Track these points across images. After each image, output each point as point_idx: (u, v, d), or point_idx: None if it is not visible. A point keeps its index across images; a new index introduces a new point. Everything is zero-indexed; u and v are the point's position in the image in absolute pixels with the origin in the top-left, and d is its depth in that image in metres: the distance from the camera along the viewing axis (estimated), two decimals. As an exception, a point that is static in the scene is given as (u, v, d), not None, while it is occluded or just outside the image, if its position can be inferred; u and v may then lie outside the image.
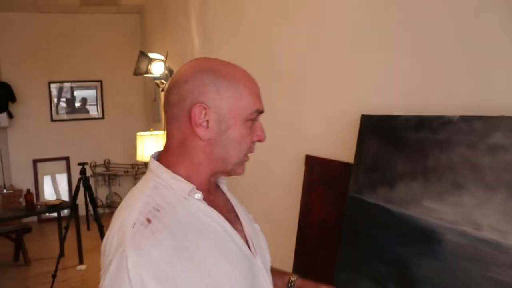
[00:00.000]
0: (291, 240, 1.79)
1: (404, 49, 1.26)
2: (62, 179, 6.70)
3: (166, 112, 0.94)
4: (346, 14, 1.52)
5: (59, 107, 6.67)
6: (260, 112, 0.95)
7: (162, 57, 3.90)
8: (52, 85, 6.57)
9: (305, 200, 1.74)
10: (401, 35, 1.27)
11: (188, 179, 0.91)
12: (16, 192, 5.60)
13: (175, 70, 3.89)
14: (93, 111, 6.84)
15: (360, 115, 1.38)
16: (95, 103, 6.83)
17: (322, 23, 1.66)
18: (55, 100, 6.63)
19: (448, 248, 1.04)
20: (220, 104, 0.89)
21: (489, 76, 1.02)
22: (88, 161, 5.79)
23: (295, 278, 1.16)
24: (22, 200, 5.06)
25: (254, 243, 0.99)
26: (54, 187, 6.72)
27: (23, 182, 6.21)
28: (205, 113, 0.88)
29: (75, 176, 5.16)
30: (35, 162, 6.49)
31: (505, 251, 0.92)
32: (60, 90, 6.67)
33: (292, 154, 1.90)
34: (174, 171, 0.91)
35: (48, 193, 6.62)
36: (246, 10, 2.38)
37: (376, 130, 1.31)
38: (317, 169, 1.69)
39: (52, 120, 6.58)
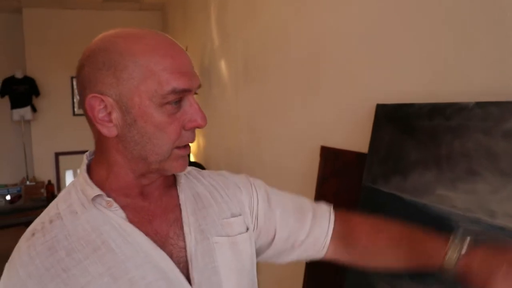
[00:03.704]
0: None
1: (418, 37, 1.25)
2: (83, 173, 6.81)
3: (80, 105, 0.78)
4: (360, 4, 1.51)
5: (81, 102, 6.78)
6: (183, 90, 0.72)
7: (182, 52, 3.92)
8: (75, 81, 6.66)
9: (319, 190, 1.73)
10: (414, 23, 1.26)
11: (105, 182, 0.77)
12: (39, 184, 5.74)
13: (195, 65, 3.92)
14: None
15: (375, 105, 1.37)
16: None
17: (336, 14, 1.65)
18: (78, 96, 6.73)
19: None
20: (119, 91, 0.70)
21: (505, 61, 1.00)
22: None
23: (456, 253, 0.78)
24: (43, 191, 5.20)
25: (200, 265, 0.78)
26: (75, 180, 6.83)
27: (45, 174, 6.35)
28: (105, 106, 0.71)
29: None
30: (57, 155, 6.62)
31: (520, 238, 0.90)
32: (83, 85, 6.78)
33: (307, 145, 1.90)
34: (95, 172, 0.78)
35: (69, 186, 6.74)
36: (264, 5, 2.38)
37: (391, 119, 1.30)
38: (332, 160, 1.68)
39: (74, 114, 6.70)
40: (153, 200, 0.81)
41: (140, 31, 0.73)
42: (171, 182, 0.86)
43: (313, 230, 0.95)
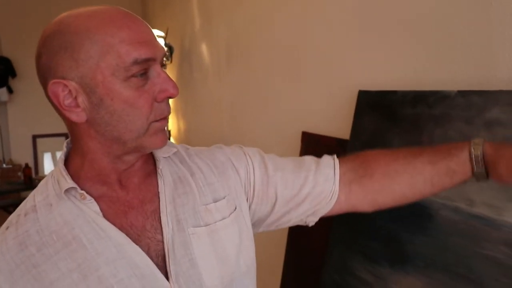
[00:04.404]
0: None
1: (401, 24, 1.24)
2: (61, 156, 6.72)
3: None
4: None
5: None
6: (146, 60, 0.68)
7: (163, 34, 3.85)
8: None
9: (300, 177, 1.73)
10: (399, 9, 1.24)
11: (80, 171, 0.74)
12: (15, 167, 5.63)
13: (175, 47, 3.86)
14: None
15: (357, 91, 1.36)
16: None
17: (320, 0, 1.63)
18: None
19: (440, 224, 1.03)
20: (80, 72, 0.66)
21: (488, 50, 0.99)
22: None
23: (480, 148, 0.75)
24: (20, 174, 5.10)
25: (177, 258, 0.74)
26: (54, 164, 6.73)
27: (23, 157, 6.22)
28: (69, 91, 0.67)
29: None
30: (34, 137, 6.49)
31: (498, 227, 0.91)
32: (61, 66, 6.64)
33: (288, 131, 1.89)
34: (70, 163, 0.76)
35: (48, 170, 6.63)
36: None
37: (373, 106, 1.29)
38: (313, 146, 1.67)
39: (52, 96, 6.56)
40: (131, 189, 0.77)
41: (92, 8, 0.70)
42: (151, 169, 0.81)
43: (317, 180, 0.89)
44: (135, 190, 0.78)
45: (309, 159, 0.94)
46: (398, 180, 0.85)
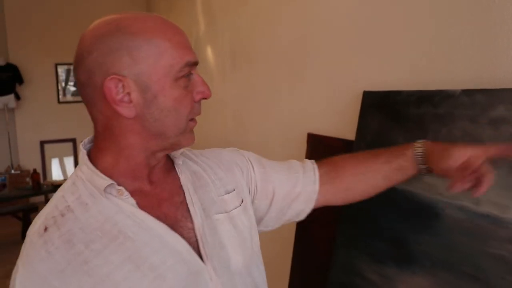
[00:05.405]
0: (292, 219, 1.79)
1: (405, 24, 1.24)
2: (69, 161, 6.76)
3: (80, 94, 0.77)
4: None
5: (66, 90, 6.69)
6: (193, 63, 0.77)
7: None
8: (59, 69, 6.57)
9: (306, 178, 1.73)
10: (402, 10, 1.25)
11: (113, 168, 0.77)
12: (24, 173, 5.68)
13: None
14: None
15: (362, 92, 1.36)
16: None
17: (324, 1, 1.63)
18: (63, 83, 6.65)
19: (447, 223, 1.03)
20: (137, 70, 0.72)
21: (492, 48, 0.99)
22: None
23: (421, 147, 0.92)
24: (29, 180, 5.14)
25: (209, 242, 0.81)
26: (62, 169, 6.78)
27: (31, 163, 6.27)
28: (122, 86, 0.72)
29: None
30: (42, 143, 6.53)
31: (505, 225, 0.91)
32: (68, 72, 6.68)
33: (293, 132, 1.89)
34: (99, 161, 0.78)
35: (56, 175, 6.68)
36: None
37: (378, 106, 1.29)
38: (318, 148, 1.67)
39: (59, 102, 6.60)
40: (158, 184, 0.83)
41: (140, 13, 0.76)
42: (170, 165, 0.88)
43: (304, 181, 1.01)
44: (162, 184, 0.83)
45: (296, 162, 1.06)
46: (362, 179, 1.01)
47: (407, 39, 1.24)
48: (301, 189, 1.00)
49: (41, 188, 4.87)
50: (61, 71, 6.62)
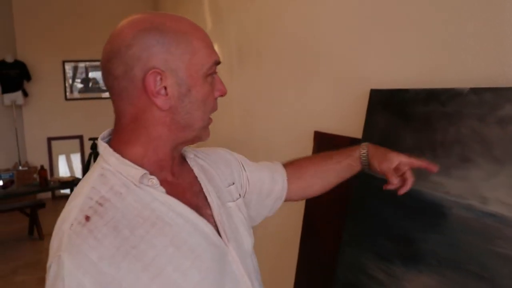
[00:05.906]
0: (298, 216, 1.79)
1: (413, 22, 1.24)
2: (76, 158, 6.79)
3: (110, 87, 0.81)
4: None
5: (73, 87, 6.72)
6: (218, 63, 0.85)
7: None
8: (67, 66, 6.60)
9: (312, 176, 1.73)
10: (410, 8, 1.24)
11: (143, 159, 0.81)
12: (31, 169, 5.70)
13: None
14: (106, 91, 6.84)
15: (369, 90, 1.36)
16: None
17: (333, -3, 1.63)
18: (70, 80, 6.68)
19: (453, 222, 1.02)
20: (175, 65, 0.78)
21: (500, 47, 0.99)
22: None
23: (365, 149, 1.11)
24: (36, 176, 5.17)
25: (226, 228, 0.88)
26: (69, 166, 6.82)
27: (38, 159, 6.31)
28: (161, 79, 0.77)
29: (88, 154, 5.23)
30: (49, 140, 6.57)
31: (511, 224, 0.90)
32: (75, 69, 6.71)
33: (300, 130, 1.89)
34: (126, 152, 0.81)
35: (63, 172, 6.72)
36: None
37: (385, 104, 1.29)
38: (325, 145, 1.67)
39: (66, 99, 6.64)
40: (178, 175, 0.88)
41: (170, 14, 0.83)
42: (183, 159, 0.94)
43: (278, 179, 1.14)
44: (181, 175, 0.89)
45: (269, 163, 1.18)
46: (319, 178, 1.17)
47: (414, 37, 1.24)
48: (280, 187, 1.13)
49: (48, 185, 4.89)
50: (69, 68, 6.65)
